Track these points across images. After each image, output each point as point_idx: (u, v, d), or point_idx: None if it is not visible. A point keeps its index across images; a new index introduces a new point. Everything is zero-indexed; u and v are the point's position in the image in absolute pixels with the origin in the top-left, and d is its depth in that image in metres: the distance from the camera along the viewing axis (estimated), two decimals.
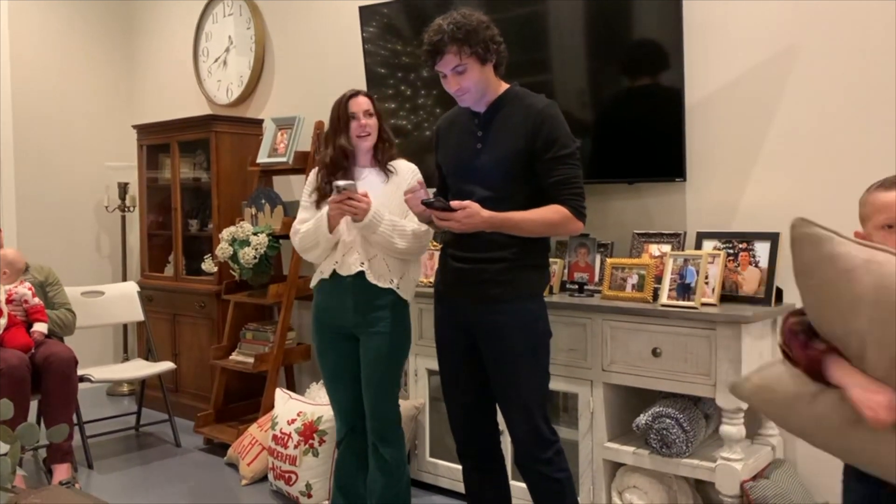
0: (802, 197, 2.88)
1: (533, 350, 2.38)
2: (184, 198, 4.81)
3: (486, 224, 2.25)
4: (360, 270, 2.62)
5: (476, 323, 2.41)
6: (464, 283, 2.42)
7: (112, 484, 3.68)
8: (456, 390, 2.54)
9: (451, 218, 2.23)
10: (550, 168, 2.31)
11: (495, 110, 2.40)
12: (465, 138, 2.46)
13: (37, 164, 5.37)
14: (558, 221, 2.31)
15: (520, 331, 2.36)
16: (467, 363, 2.48)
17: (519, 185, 2.34)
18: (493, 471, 2.60)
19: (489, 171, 2.36)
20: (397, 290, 2.65)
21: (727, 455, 2.65)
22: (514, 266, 2.36)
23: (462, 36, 2.27)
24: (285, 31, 4.71)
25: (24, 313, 3.59)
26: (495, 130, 2.39)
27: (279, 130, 4.24)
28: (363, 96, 2.72)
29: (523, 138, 2.32)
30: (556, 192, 2.31)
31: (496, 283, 2.35)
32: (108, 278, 5.57)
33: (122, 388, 5.36)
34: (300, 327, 4.51)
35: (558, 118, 2.34)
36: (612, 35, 3.12)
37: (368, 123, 2.68)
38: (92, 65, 5.68)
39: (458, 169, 2.47)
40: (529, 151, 2.31)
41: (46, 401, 3.55)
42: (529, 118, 2.32)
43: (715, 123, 3.07)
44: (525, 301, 2.38)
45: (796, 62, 2.88)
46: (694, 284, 2.75)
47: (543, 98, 2.39)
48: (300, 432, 3.35)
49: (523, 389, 2.37)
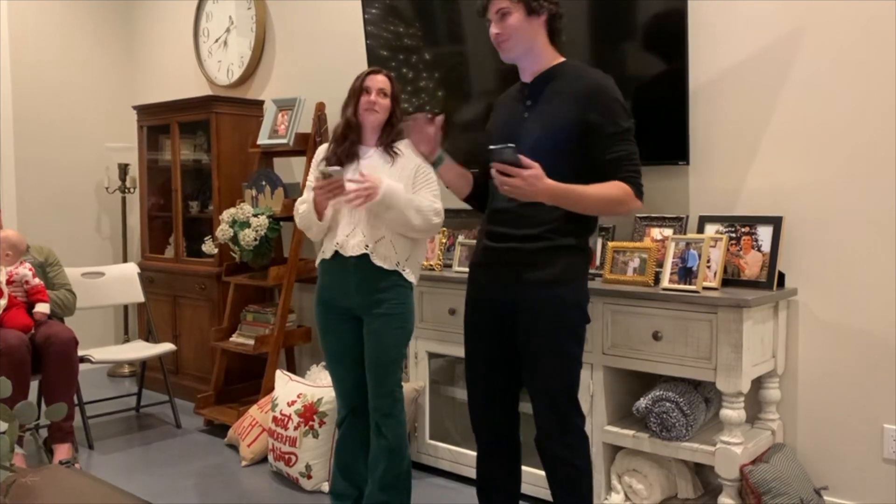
0: (806, 181, 2.87)
1: (565, 337, 2.28)
2: (184, 179, 4.79)
3: (548, 192, 2.11)
4: (364, 253, 2.60)
5: (510, 304, 2.31)
6: (499, 264, 2.33)
7: (112, 464, 3.69)
8: (480, 373, 2.44)
9: (518, 175, 2.06)
10: (609, 144, 2.20)
11: (546, 80, 2.30)
12: (513, 108, 2.38)
13: (37, 145, 5.35)
14: (621, 199, 2.19)
15: (550, 317, 2.26)
16: (496, 346, 2.38)
17: (565, 158, 2.21)
18: (508, 457, 2.50)
19: (535, 141, 2.24)
20: (403, 272, 2.63)
21: (727, 439, 2.65)
22: (549, 247, 2.25)
23: None
24: (286, 12, 4.68)
25: (24, 294, 3.59)
26: (544, 100, 2.28)
27: (280, 112, 4.22)
28: (383, 75, 2.70)
29: (576, 109, 2.21)
30: (616, 169, 2.20)
31: (529, 264, 2.26)
32: (108, 259, 5.57)
33: (123, 369, 5.37)
34: (300, 309, 4.51)
35: (616, 92, 2.24)
36: (617, 17, 3.09)
37: (379, 101, 2.65)
38: (92, 45, 5.65)
39: (502, 139, 2.28)
40: (582, 123, 2.20)
41: (47, 381, 3.56)
42: (584, 89, 2.22)
43: (719, 107, 3.05)
44: (562, 285, 2.26)
45: (801, 45, 2.86)
46: (696, 268, 2.74)
47: (601, 72, 2.29)
48: (300, 414, 3.35)
49: (553, 375, 2.29)
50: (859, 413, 2.79)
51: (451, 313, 3.29)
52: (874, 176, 2.73)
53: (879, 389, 2.75)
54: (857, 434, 2.80)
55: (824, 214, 2.83)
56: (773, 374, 2.87)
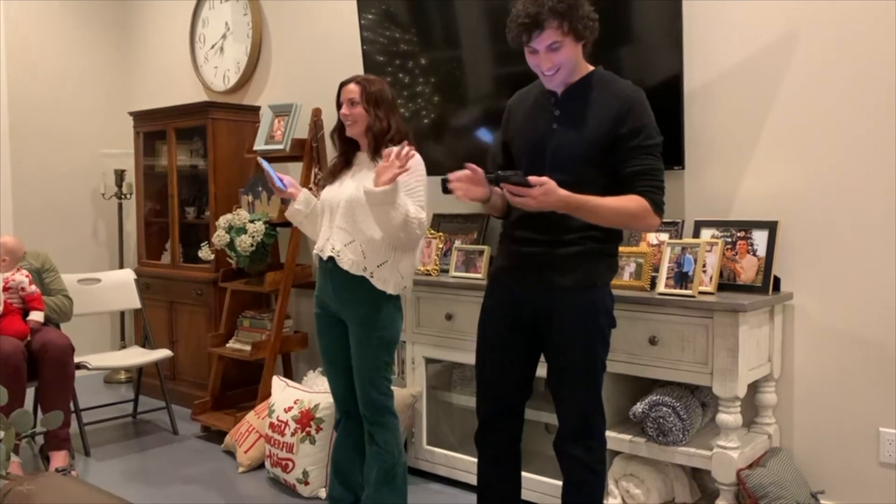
0: (801, 186, 2.88)
1: (592, 343, 2.27)
2: (180, 185, 4.79)
3: (561, 203, 2.09)
4: (331, 256, 2.61)
5: (535, 309, 2.29)
6: (525, 268, 2.31)
7: (109, 471, 3.68)
8: (494, 380, 2.40)
9: (527, 194, 2.05)
10: (632, 156, 2.18)
11: (578, 92, 2.26)
12: (540, 116, 2.32)
13: (33, 151, 5.34)
14: (637, 213, 2.17)
15: (581, 322, 2.25)
16: (513, 354, 2.37)
17: (596, 171, 2.20)
18: (510, 463, 2.49)
19: (566, 153, 2.22)
20: (370, 278, 2.57)
21: (724, 443, 2.65)
22: (580, 252, 2.24)
23: (564, 9, 2.11)
24: (282, 18, 4.68)
25: (20, 301, 3.58)
26: (575, 112, 2.24)
27: (276, 118, 4.22)
28: (354, 84, 2.67)
29: (607, 123, 2.18)
30: (635, 183, 2.18)
31: (560, 269, 2.24)
32: (104, 265, 5.56)
33: (120, 375, 5.36)
34: (297, 315, 4.50)
35: (646, 105, 2.22)
36: (612, 21, 3.09)
37: (350, 113, 2.65)
38: (88, 51, 5.64)
39: (530, 150, 2.30)
40: (613, 137, 2.18)
41: (43, 388, 3.55)
42: (616, 102, 2.20)
43: (714, 111, 3.06)
44: (588, 291, 2.26)
45: (796, 49, 2.87)
46: (691, 273, 2.75)
47: (631, 84, 2.27)
48: (297, 420, 3.35)
49: (578, 380, 2.28)
50: (855, 417, 2.80)
51: (448, 318, 3.29)
52: (869, 180, 2.74)
53: (875, 393, 2.76)
54: (853, 438, 2.80)
55: (819, 219, 2.84)
56: (769, 379, 2.87)
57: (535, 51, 2.19)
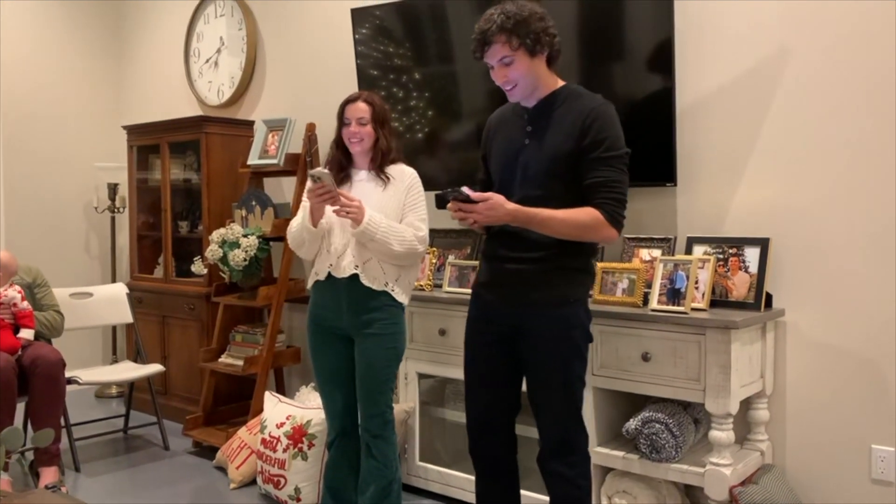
0: (792, 202, 2.89)
1: (567, 358, 2.28)
2: (174, 199, 4.79)
3: (510, 217, 2.16)
4: (354, 273, 2.62)
5: (512, 325, 2.32)
6: (501, 285, 2.34)
7: (99, 487, 3.65)
8: (480, 394, 2.43)
9: (473, 210, 2.13)
10: (593, 168, 2.21)
11: (547, 107, 2.30)
12: (513, 133, 2.37)
13: (26, 165, 5.33)
14: (589, 225, 2.20)
15: (555, 337, 2.27)
16: (497, 367, 2.39)
17: (564, 185, 2.24)
18: (506, 479, 2.49)
19: (535, 168, 2.27)
20: (392, 292, 2.65)
21: (716, 460, 2.65)
22: (553, 268, 2.26)
23: (511, 26, 2.17)
24: (277, 33, 4.70)
25: (11, 316, 3.56)
26: (544, 127, 2.29)
27: (270, 132, 4.23)
28: (362, 102, 2.71)
29: (573, 138, 2.22)
30: (593, 194, 2.21)
31: (532, 285, 2.27)
32: (97, 279, 5.54)
33: (111, 390, 5.32)
34: (290, 330, 4.49)
35: (611, 118, 2.24)
36: (604, 37, 3.12)
37: (359, 131, 2.68)
38: (82, 65, 5.65)
39: (504, 165, 2.36)
40: (577, 151, 2.22)
41: (33, 403, 3.53)
42: (580, 116, 2.22)
43: (706, 128, 3.07)
44: (563, 307, 2.28)
45: (788, 65, 2.89)
46: (684, 289, 2.75)
47: (600, 97, 2.29)
48: (289, 436, 3.33)
49: (555, 396, 2.29)
50: (847, 434, 2.80)
51: (442, 334, 3.29)
52: (860, 197, 2.75)
53: (867, 410, 2.76)
54: (845, 455, 2.80)
55: (811, 236, 2.85)
56: (761, 395, 2.88)
57: (492, 66, 2.27)
